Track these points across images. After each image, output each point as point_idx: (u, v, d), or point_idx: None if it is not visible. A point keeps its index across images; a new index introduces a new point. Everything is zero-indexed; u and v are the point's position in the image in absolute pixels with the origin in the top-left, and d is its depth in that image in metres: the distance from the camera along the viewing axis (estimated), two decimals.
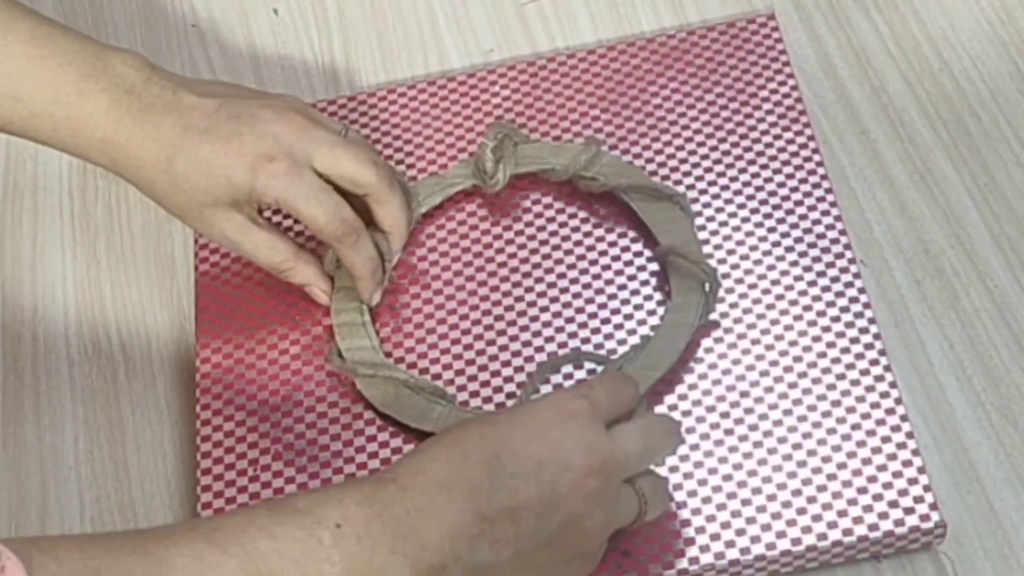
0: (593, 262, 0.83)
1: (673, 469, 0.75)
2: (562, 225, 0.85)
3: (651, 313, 0.81)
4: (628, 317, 0.81)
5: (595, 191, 0.85)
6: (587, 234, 0.84)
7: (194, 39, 0.99)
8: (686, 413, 0.77)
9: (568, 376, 0.79)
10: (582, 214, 0.85)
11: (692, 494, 0.74)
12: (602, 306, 0.81)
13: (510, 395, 0.79)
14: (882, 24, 0.92)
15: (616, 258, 0.83)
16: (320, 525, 0.62)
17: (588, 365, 0.79)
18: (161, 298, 0.88)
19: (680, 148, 0.87)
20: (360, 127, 0.91)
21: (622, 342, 0.80)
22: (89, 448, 0.83)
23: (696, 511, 0.74)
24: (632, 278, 0.82)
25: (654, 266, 0.82)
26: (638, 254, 0.83)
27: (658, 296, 0.81)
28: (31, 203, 0.93)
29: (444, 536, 0.64)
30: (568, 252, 0.84)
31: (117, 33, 1.00)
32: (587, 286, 0.82)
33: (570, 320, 0.81)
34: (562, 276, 0.83)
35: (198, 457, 0.79)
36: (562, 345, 0.80)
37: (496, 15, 0.97)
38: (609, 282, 0.82)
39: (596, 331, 0.81)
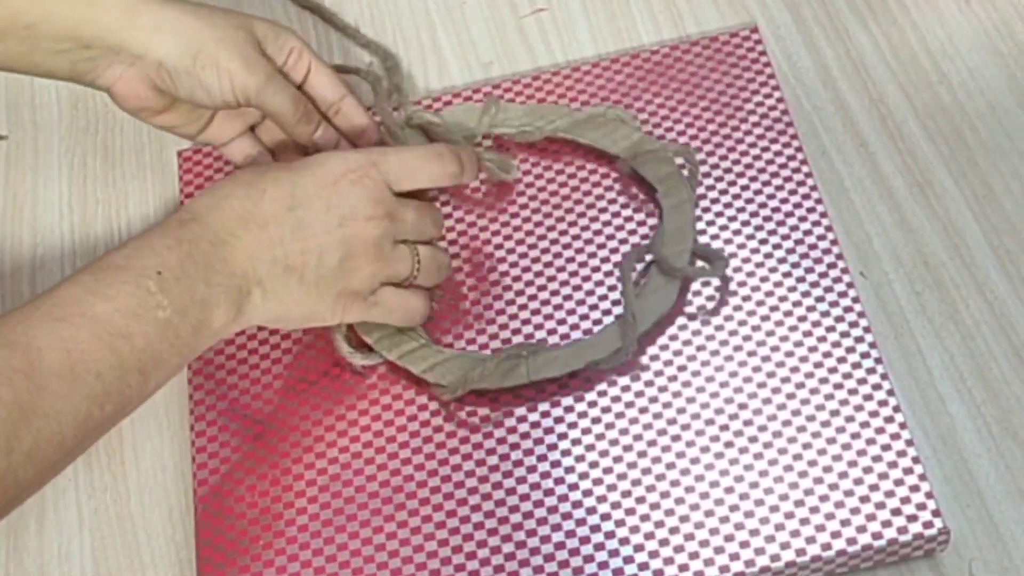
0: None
1: (674, 483, 0.75)
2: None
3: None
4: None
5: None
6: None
7: None
8: (685, 427, 0.77)
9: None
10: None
11: (694, 507, 0.74)
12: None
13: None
14: (880, 36, 0.92)
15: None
16: (143, 276, 0.70)
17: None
18: None
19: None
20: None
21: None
22: (87, 460, 0.83)
23: (699, 524, 0.73)
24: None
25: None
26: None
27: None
28: (31, 216, 0.93)
29: (247, 262, 0.73)
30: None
31: None
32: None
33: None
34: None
35: (194, 469, 0.79)
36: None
37: (496, 28, 0.97)
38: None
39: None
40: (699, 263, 0.82)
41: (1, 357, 0.66)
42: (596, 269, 0.83)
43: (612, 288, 0.83)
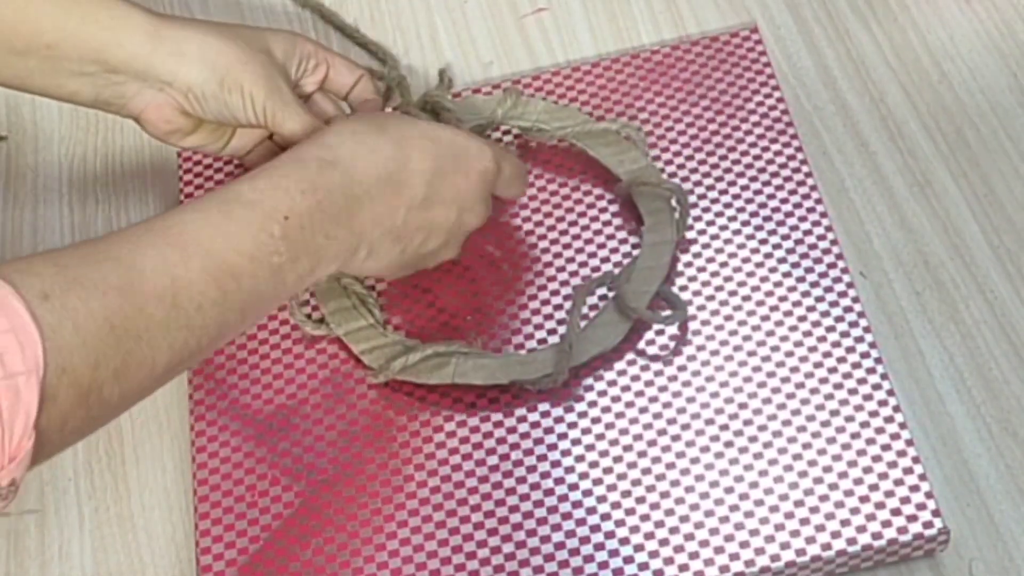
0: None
1: (674, 483, 0.75)
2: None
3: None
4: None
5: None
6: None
7: None
8: (685, 427, 0.77)
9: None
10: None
11: (694, 508, 0.74)
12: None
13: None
14: (881, 36, 0.92)
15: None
16: (270, 219, 0.69)
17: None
18: None
19: (668, 162, 0.87)
20: None
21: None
22: (88, 459, 0.83)
23: (699, 524, 0.73)
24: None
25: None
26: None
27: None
28: (31, 216, 0.93)
29: (370, 224, 0.73)
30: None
31: None
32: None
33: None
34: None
35: (194, 469, 0.79)
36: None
37: (496, 28, 0.97)
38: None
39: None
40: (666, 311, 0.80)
41: (100, 270, 0.64)
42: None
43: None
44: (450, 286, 0.84)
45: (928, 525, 0.72)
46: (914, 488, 0.73)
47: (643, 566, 0.73)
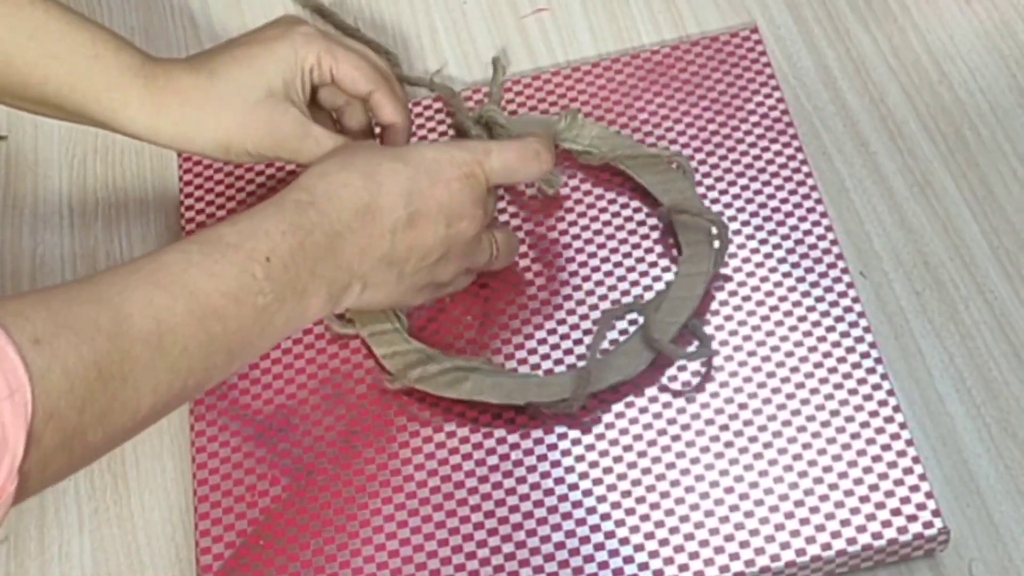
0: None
1: (674, 483, 0.75)
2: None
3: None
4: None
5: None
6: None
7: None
8: (685, 427, 0.77)
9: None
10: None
11: (694, 508, 0.74)
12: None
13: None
14: (881, 37, 0.92)
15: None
16: (252, 260, 0.69)
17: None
18: None
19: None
20: None
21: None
22: None
23: (699, 524, 0.73)
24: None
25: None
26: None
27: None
28: (30, 216, 0.93)
29: (356, 257, 0.73)
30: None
31: None
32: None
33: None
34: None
35: (194, 469, 0.79)
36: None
37: (496, 28, 0.97)
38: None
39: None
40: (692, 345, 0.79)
41: (88, 313, 0.64)
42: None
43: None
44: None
45: (928, 525, 0.72)
46: (914, 488, 0.73)
47: (643, 566, 0.73)
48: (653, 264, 0.83)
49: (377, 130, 0.86)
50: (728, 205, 0.85)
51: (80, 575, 0.79)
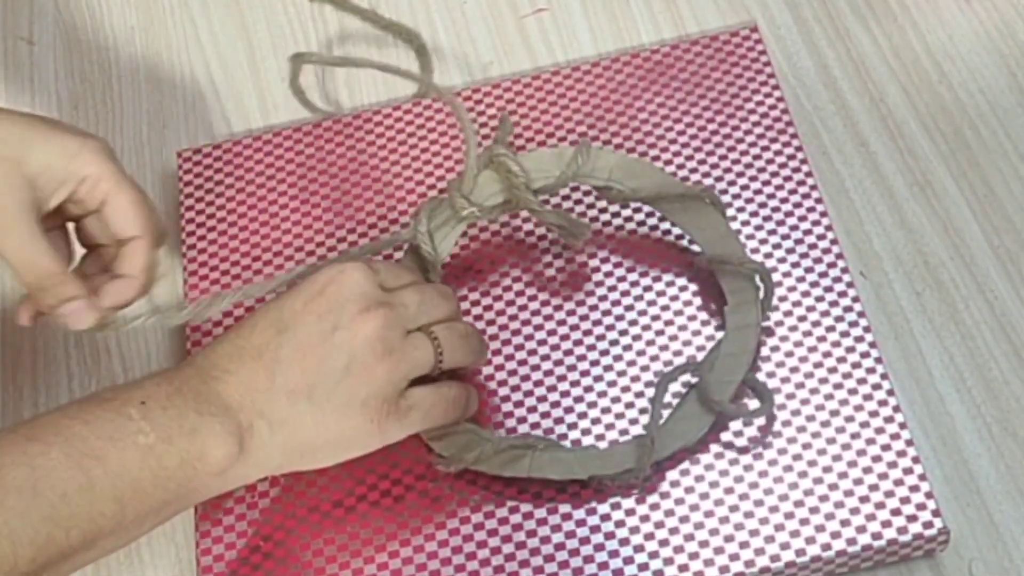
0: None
1: (674, 483, 0.75)
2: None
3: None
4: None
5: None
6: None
7: (194, 53, 0.99)
8: None
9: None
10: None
11: (694, 508, 0.74)
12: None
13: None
14: (881, 36, 0.92)
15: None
16: (127, 405, 0.68)
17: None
18: None
19: (668, 162, 0.87)
20: (365, 146, 0.91)
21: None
22: None
23: (699, 525, 0.73)
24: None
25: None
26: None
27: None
28: None
29: (243, 395, 0.69)
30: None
31: (118, 50, 1.00)
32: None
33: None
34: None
35: None
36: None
37: (496, 28, 0.97)
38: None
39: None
40: (748, 400, 0.77)
41: None
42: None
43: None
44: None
45: (928, 525, 0.72)
46: (914, 488, 0.73)
47: (643, 566, 0.73)
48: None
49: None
50: (728, 205, 0.85)
51: (80, 574, 0.79)
